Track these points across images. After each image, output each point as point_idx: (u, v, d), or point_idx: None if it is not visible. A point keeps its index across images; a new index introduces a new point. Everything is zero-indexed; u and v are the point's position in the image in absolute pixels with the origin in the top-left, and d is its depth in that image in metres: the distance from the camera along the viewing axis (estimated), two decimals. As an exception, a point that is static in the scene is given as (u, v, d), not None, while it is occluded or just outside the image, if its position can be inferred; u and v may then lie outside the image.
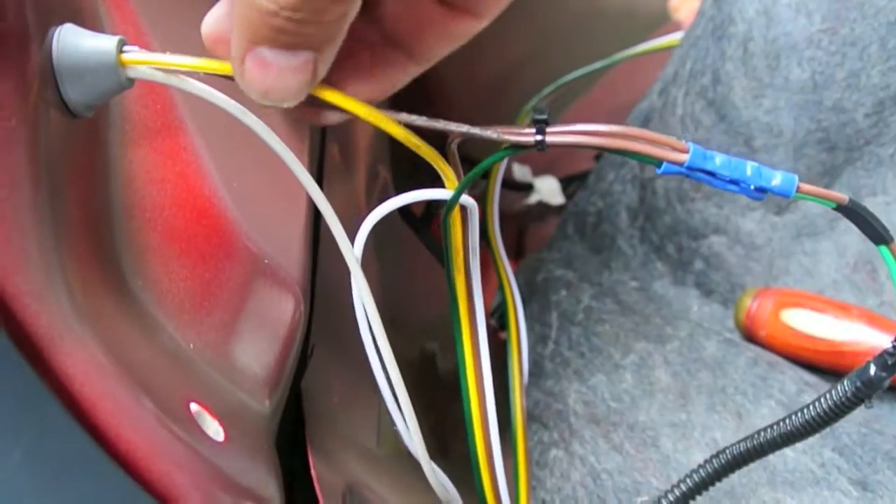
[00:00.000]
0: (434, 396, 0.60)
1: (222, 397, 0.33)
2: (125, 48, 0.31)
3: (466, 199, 0.36)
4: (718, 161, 0.31)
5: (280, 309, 0.37)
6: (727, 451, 0.40)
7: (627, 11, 0.91)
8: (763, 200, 0.33)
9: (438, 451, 0.49)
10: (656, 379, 0.57)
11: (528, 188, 0.86)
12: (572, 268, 0.70)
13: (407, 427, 0.40)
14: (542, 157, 0.88)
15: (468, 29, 0.36)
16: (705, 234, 0.66)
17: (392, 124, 0.33)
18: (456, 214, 0.37)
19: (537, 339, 0.64)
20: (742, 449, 0.40)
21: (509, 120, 0.73)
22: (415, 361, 0.59)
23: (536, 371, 0.62)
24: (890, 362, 0.35)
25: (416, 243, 0.69)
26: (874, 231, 0.32)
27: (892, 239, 0.33)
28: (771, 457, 0.51)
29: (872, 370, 0.35)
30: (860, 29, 0.58)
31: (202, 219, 0.34)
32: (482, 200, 0.80)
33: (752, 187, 0.31)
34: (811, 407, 0.37)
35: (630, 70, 0.77)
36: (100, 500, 0.26)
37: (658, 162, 0.31)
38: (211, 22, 0.34)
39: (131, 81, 0.31)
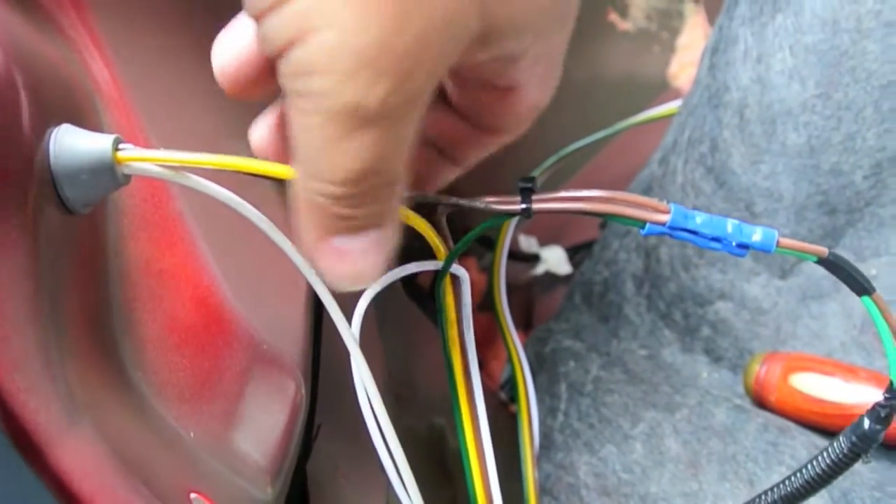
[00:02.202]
0: (445, 475, 0.60)
1: (223, 486, 0.33)
2: (121, 146, 0.31)
3: (458, 269, 0.37)
4: (699, 220, 0.32)
5: (281, 394, 0.38)
6: None
7: (627, 79, 0.93)
8: (744, 257, 0.33)
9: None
10: (666, 448, 0.57)
11: (534, 259, 0.86)
12: (580, 338, 0.70)
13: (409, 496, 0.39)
14: (548, 227, 0.88)
15: (500, 142, 0.39)
16: (711, 301, 0.66)
17: None
18: (448, 286, 0.38)
19: (547, 412, 0.64)
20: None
21: (510, 193, 0.74)
22: (423, 437, 0.59)
23: (546, 443, 0.61)
24: (882, 415, 0.35)
25: (420, 318, 0.69)
26: (856, 283, 0.33)
27: (873, 289, 0.33)
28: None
29: (866, 424, 0.35)
30: (854, 93, 0.59)
31: (201, 308, 0.35)
32: (489, 272, 0.80)
33: (733, 244, 0.32)
34: (810, 466, 0.37)
35: (631, 138, 0.78)
36: None
37: (642, 224, 0.32)
38: (258, 137, 0.37)
39: (128, 178, 0.32)
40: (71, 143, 0.31)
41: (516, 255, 0.86)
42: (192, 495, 0.31)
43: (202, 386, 0.34)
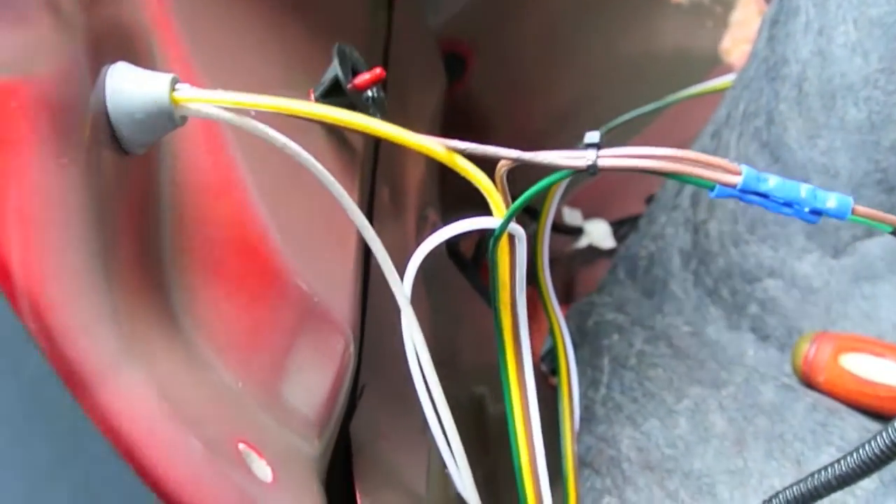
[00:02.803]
0: (484, 444, 0.59)
1: (271, 438, 0.33)
2: (177, 86, 0.31)
3: (515, 227, 0.35)
4: (772, 183, 0.31)
5: (330, 349, 0.37)
6: (780, 496, 0.39)
7: (679, 55, 0.91)
8: (817, 223, 0.32)
9: (490, 501, 0.48)
10: (711, 425, 0.56)
11: (578, 232, 0.85)
12: (624, 312, 0.69)
13: (457, 467, 0.39)
14: (592, 201, 0.87)
15: None
16: (760, 278, 0.64)
17: (439, 149, 0.33)
18: (504, 246, 0.36)
19: (589, 384, 0.63)
20: (797, 492, 0.38)
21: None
22: (463, 406, 0.58)
23: (588, 416, 0.61)
24: None
25: (465, 286, 0.68)
26: None
27: None
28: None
29: None
30: (918, 68, 0.57)
31: (253, 258, 0.34)
32: (531, 243, 0.79)
33: (806, 209, 0.31)
34: (864, 448, 0.35)
35: (681, 113, 0.77)
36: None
37: (711, 185, 0.31)
38: None
39: (184, 119, 0.31)
40: (127, 82, 0.30)
41: (559, 228, 0.85)
42: (241, 445, 0.30)
43: (252, 336, 0.34)
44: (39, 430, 0.23)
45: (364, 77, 0.42)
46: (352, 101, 0.42)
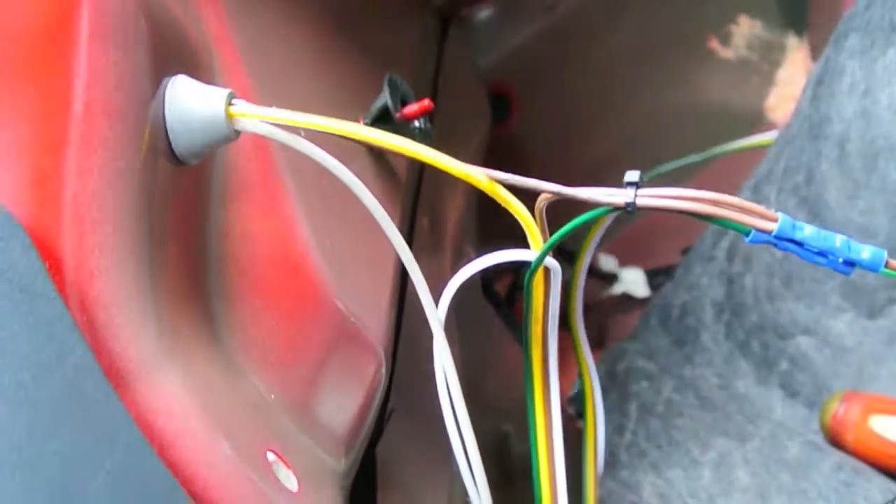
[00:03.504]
0: (506, 482, 0.59)
1: (299, 450, 0.33)
2: (234, 101, 0.32)
3: (551, 261, 0.36)
4: (807, 232, 0.31)
5: (362, 369, 0.38)
6: None
7: (724, 109, 0.91)
8: (850, 275, 0.32)
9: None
10: (735, 478, 0.56)
11: (613, 278, 0.86)
12: (654, 360, 0.69)
13: (479, 497, 0.39)
14: (628, 249, 0.88)
15: None
16: (793, 334, 0.64)
17: (481, 178, 0.34)
18: (539, 279, 0.37)
19: (615, 429, 0.63)
20: None
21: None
22: (488, 442, 0.59)
23: (612, 461, 0.61)
24: None
25: (497, 324, 0.69)
26: None
27: None
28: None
29: None
30: (962, 134, 0.57)
31: (293, 274, 0.35)
32: (566, 286, 0.79)
33: (840, 260, 0.31)
34: None
35: (723, 168, 0.77)
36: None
37: (747, 230, 0.31)
38: None
39: (237, 134, 0.32)
40: (185, 94, 0.31)
41: (595, 273, 0.85)
42: (269, 454, 0.31)
43: (288, 350, 0.34)
44: (77, 419, 0.24)
45: (412, 107, 0.43)
46: (399, 129, 0.43)
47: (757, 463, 0.57)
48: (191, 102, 0.31)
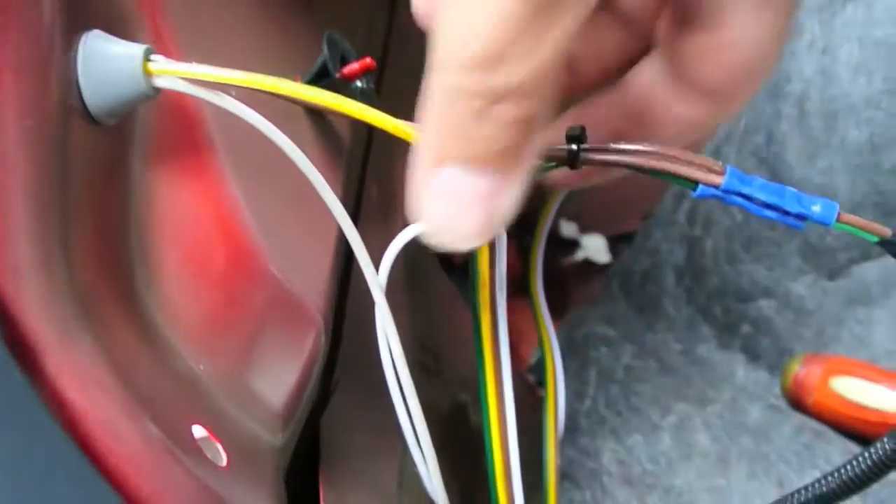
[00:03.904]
0: (464, 453, 0.58)
1: (229, 423, 0.32)
2: (152, 57, 0.30)
3: None
4: (756, 185, 0.30)
5: (300, 338, 0.36)
6: None
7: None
8: (803, 230, 0.31)
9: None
10: (695, 442, 0.55)
11: (574, 245, 0.85)
12: (614, 326, 0.68)
13: (426, 465, 0.38)
14: (589, 216, 0.86)
15: (706, 108, 0.33)
16: (754, 297, 0.63)
17: (405, 129, 0.32)
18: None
19: (574, 396, 0.62)
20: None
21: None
22: (444, 412, 0.58)
23: (571, 428, 0.60)
24: None
25: (453, 293, 0.67)
26: None
27: None
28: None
29: None
30: (922, 90, 0.56)
31: (222, 239, 0.33)
32: (526, 254, 0.78)
33: (790, 213, 0.30)
34: (848, 467, 0.34)
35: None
36: (84, 515, 0.24)
37: (693, 185, 0.30)
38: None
39: (156, 91, 0.30)
40: (100, 50, 0.29)
41: (555, 240, 0.84)
42: (196, 428, 0.29)
43: (217, 319, 0.33)
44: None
45: (353, 66, 0.41)
46: (339, 89, 0.41)
47: (718, 427, 0.56)
48: (105, 59, 0.29)
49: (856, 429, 0.55)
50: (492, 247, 0.36)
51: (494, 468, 0.40)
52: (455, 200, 0.26)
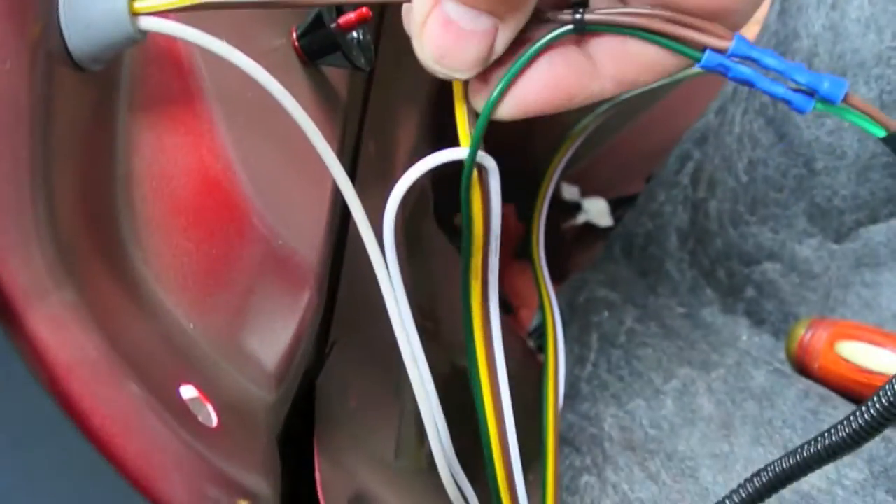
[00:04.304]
0: (464, 419, 0.57)
1: (220, 382, 0.30)
2: (138, -4, 0.28)
3: (485, 157, 0.32)
4: (766, 52, 0.29)
5: (293, 296, 0.35)
6: (768, 470, 0.36)
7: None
8: (806, 113, 0.30)
9: (466, 476, 0.45)
10: (698, 407, 0.54)
11: (575, 208, 0.83)
12: (616, 290, 0.67)
13: (438, 431, 0.37)
14: (591, 179, 0.85)
15: (682, 64, 0.31)
16: (759, 260, 0.62)
17: None
18: (475, 182, 0.33)
19: (575, 361, 0.61)
20: (785, 465, 0.35)
21: (556, 144, 0.70)
22: (444, 377, 0.56)
23: (572, 393, 0.59)
24: None
25: (454, 256, 0.66)
26: None
27: None
28: (820, 497, 0.47)
29: None
30: (934, 47, 0.55)
31: (213, 192, 0.32)
32: (527, 218, 0.77)
33: (800, 85, 0.29)
34: (853, 418, 0.33)
35: (689, 90, 0.75)
36: (66, 476, 0.23)
37: (698, 54, 0.29)
38: None
39: (143, 34, 0.29)
40: (82, -10, 0.28)
41: (557, 203, 0.83)
42: (185, 387, 0.28)
43: (207, 275, 0.31)
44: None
45: (349, 16, 0.40)
46: (335, 40, 0.40)
47: (721, 392, 0.55)
48: (89, 0, 0.28)
49: (862, 394, 0.54)
50: (484, 186, 0.34)
51: (491, 445, 0.39)
52: (453, 31, 0.28)
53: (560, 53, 0.31)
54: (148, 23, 0.28)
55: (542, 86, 0.31)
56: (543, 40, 0.30)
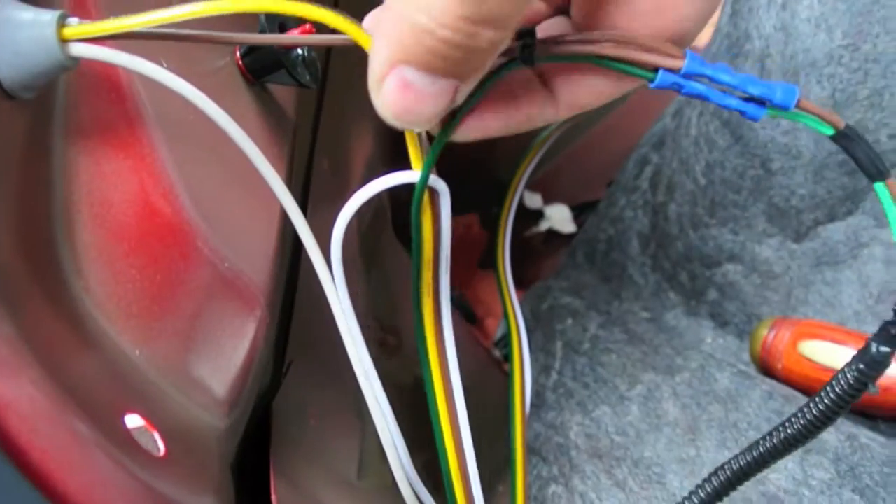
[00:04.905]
0: (429, 431, 0.57)
1: (167, 410, 0.30)
2: (68, 21, 0.28)
3: (437, 181, 0.32)
4: (719, 68, 0.29)
5: (242, 319, 0.34)
6: (728, 466, 0.36)
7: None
8: (758, 120, 0.30)
9: (434, 488, 0.45)
10: (664, 412, 0.54)
11: (538, 216, 0.83)
12: (580, 296, 0.67)
13: (395, 446, 0.36)
14: (553, 186, 0.85)
15: (635, 84, 0.32)
16: (720, 262, 0.62)
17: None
18: (426, 206, 0.33)
19: (541, 370, 0.61)
20: (742, 462, 0.35)
21: (519, 153, 0.70)
22: (407, 388, 0.56)
23: (538, 402, 0.58)
24: (893, 332, 0.31)
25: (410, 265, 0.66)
26: (870, 164, 0.29)
27: (888, 173, 0.29)
28: (786, 498, 0.47)
29: (874, 348, 0.31)
30: (883, 45, 0.55)
31: (155, 217, 0.31)
32: (491, 227, 0.76)
33: (752, 97, 0.29)
34: (812, 404, 0.33)
35: (646, 94, 0.75)
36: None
37: (651, 74, 0.28)
38: (372, 22, 0.32)
39: (75, 61, 0.28)
40: (10, 17, 0.28)
41: (520, 212, 0.83)
42: (130, 417, 0.28)
43: (152, 301, 0.31)
44: None
45: (293, 33, 0.39)
46: (279, 58, 0.39)
47: (686, 396, 0.55)
48: (16, 27, 0.28)
49: (826, 392, 0.54)
50: (435, 209, 0.34)
51: (448, 462, 0.38)
52: (412, 93, 0.27)
53: (517, 78, 0.31)
54: (79, 49, 0.28)
55: (500, 114, 0.32)
56: (491, 80, 0.30)
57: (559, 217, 0.82)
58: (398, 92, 0.27)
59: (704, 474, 0.49)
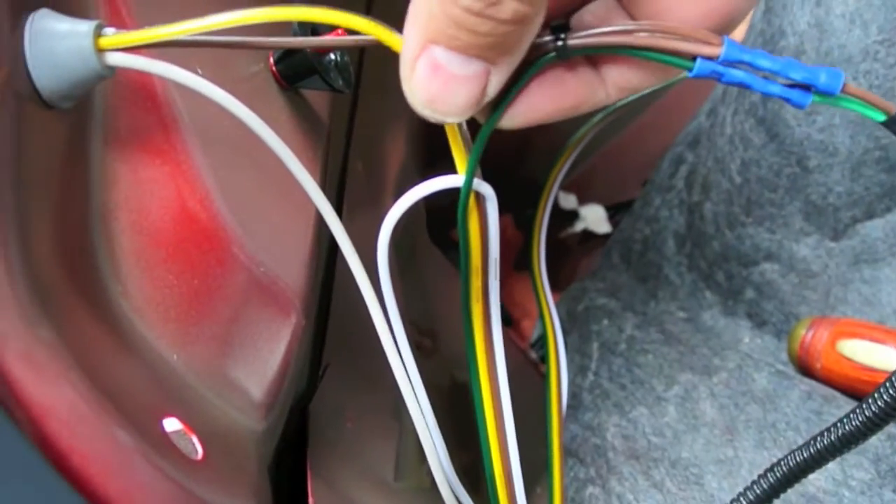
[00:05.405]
0: (466, 433, 0.57)
1: (205, 413, 0.30)
2: (104, 31, 0.28)
3: (481, 184, 0.32)
4: (758, 54, 0.28)
5: (278, 322, 0.35)
6: (775, 469, 0.36)
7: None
8: (805, 108, 0.29)
9: (470, 492, 0.45)
10: (701, 413, 0.53)
11: (573, 216, 0.83)
12: (616, 297, 0.66)
13: (435, 448, 0.36)
14: (588, 186, 0.85)
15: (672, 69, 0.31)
16: (757, 261, 0.62)
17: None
18: (472, 209, 0.32)
19: (577, 371, 0.61)
20: (792, 463, 0.35)
21: (553, 153, 0.70)
22: (444, 390, 0.56)
23: (574, 403, 0.58)
24: None
25: (448, 269, 0.66)
26: None
27: None
28: (826, 499, 0.47)
29: None
30: (920, 40, 0.54)
31: (192, 223, 0.32)
32: (525, 228, 0.76)
33: (795, 82, 0.28)
34: (859, 411, 0.32)
35: (681, 92, 0.74)
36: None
37: (689, 63, 0.28)
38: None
39: (111, 70, 0.29)
40: (48, 30, 0.28)
41: (554, 212, 0.83)
42: (168, 420, 0.28)
43: (189, 305, 0.31)
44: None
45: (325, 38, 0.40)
46: (312, 63, 0.39)
47: (724, 396, 0.54)
48: (54, 38, 0.28)
49: (865, 392, 0.53)
50: (482, 213, 0.34)
51: (493, 464, 0.38)
52: (442, 76, 0.27)
53: (565, 63, 0.31)
54: (115, 58, 0.28)
55: (548, 97, 0.31)
56: (528, 73, 0.30)
57: (594, 217, 0.82)
58: (429, 74, 0.27)
59: (742, 475, 0.49)
